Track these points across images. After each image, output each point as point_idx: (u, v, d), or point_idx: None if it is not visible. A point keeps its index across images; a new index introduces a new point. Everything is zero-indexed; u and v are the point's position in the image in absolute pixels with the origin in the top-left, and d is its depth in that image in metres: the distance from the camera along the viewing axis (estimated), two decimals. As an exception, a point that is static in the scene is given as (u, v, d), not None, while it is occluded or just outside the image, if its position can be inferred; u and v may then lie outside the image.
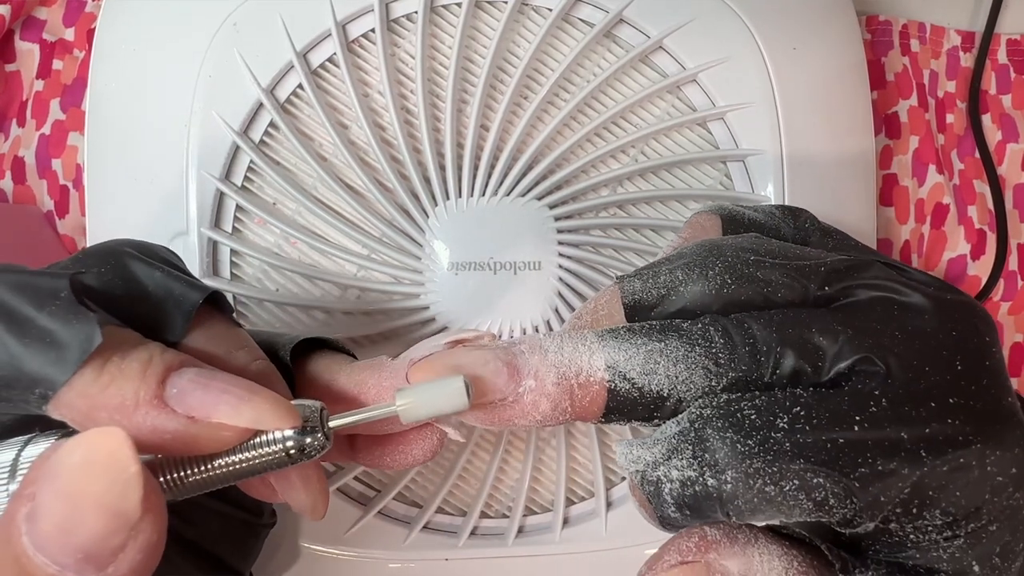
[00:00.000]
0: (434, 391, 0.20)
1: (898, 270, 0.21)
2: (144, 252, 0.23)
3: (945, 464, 0.18)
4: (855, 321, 0.20)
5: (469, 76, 0.37)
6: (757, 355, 0.19)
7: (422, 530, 0.37)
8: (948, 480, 0.18)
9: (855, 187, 0.38)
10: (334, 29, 0.35)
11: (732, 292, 0.21)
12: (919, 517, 0.19)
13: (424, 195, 0.35)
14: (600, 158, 0.36)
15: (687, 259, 0.21)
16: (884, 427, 0.18)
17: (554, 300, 0.36)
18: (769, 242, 0.22)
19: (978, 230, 0.49)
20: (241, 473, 0.19)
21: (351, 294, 0.36)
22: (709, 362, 0.19)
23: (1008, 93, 0.50)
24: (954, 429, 0.18)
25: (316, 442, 0.19)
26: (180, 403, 0.19)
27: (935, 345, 0.19)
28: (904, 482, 0.18)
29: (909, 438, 0.18)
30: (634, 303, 0.22)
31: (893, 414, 0.18)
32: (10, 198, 0.46)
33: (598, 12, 0.36)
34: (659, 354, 0.19)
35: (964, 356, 0.20)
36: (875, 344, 0.19)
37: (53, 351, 0.18)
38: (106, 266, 0.21)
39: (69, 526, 0.16)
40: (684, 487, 0.19)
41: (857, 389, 0.19)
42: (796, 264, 0.21)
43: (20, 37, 0.46)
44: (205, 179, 0.36)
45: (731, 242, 0.22)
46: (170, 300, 0.22)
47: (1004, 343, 0.51)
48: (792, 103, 0.36)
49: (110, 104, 0.37)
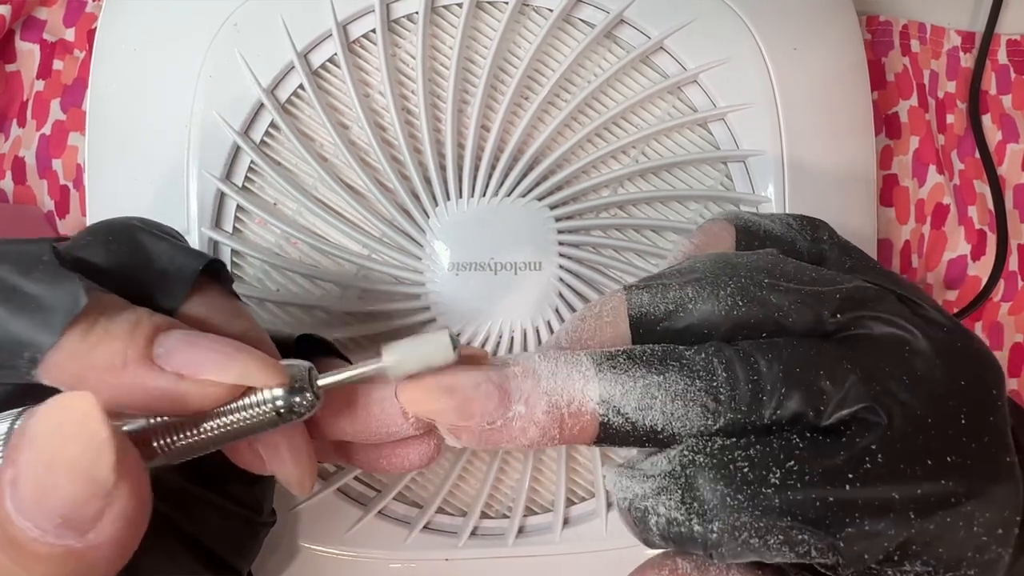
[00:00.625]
0: (422, 345, 0.19)
1: (913, 305, 0.21)
2: (152, 226, 0.23)
3: (932, 523, 0.18)
4: (864, 360, 0.19)
5: (470, 76, 0.37)
6: (760, 394, 0.19)
7: (422, 530, 0.37)
8: (934, 537, 0.18)
9: (856, 187, 0.38)
10: (335, 29, 0.35)
11: (743, 314, 0.20)
12: (900, 565, 0.19)
13: (425, 195, 0.35)
14: (601, 159, 0.36)
15: (699, 274, 0.21)
16: (876, 486, 0.18)
17: (554, 300, 0.36)
18: (785, 262, 0.22)
19: (978, 230, 0.49)
20: (231, 434, 0.19)
21: (352, 294, 0.37)
22: (708, 398, 0.19)
23: (1008, 93, 0.50)
24: (947, 489, 0.18)
25: (305, 401, 0.19)
26: (168, 361, 0.19)
27: (941, 394, 0.19)
28: (890, 542, 0.18)
29: (900, 498, 0.18)
30: (640, 316, 0.21)
31: (887, 471, 0.18)
32: (10, 198, 0.46)
33: (599, 13, 0.36)
34: (657, 388, 0.19)
35: (969, 409, 0.19)
36: (880, 391, 0.19)
37: (40, 314, 0.19)
38: (114, 235, 0.22)
39: (45, 490, 0.16)
40: (670, 525, 0.19)
41: (855, 443, 0.18)
42: (810, 290, 0.21)
43: (20, 37, 0.46)
44: (206, 179, 0.36)
45: (745, 261, 0.22)
46: (172, 268, 0.22)
47: (1004, 344, 0.51)
48: (793, 103, 0.36)
49: (111, 104, 0.37)
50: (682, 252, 0.25)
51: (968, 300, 0.49)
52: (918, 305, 0.21)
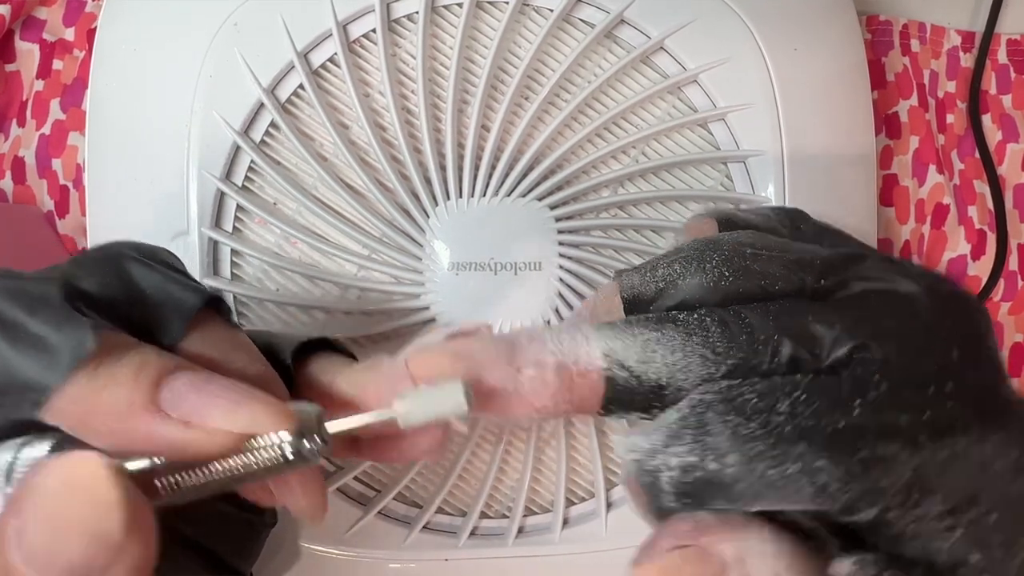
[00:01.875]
0: (434, 396, 0.19)
1: (896, 263, 0.22)
2: (144, 254, 0.22)
3: (944, 448, 0.18)
4: (852, 311, 0.20)
5: (470, 76, 0.37)
6: (755, 343, 0.19)
7: (422, 530, 0.37)
8: (947, 465, 0.18)
9: (856, 187, 0.38)
10: (335, 29, 0.35)
11: (730, 284, 0.21)
12: (918, 505, 0.18)
13: (425, 195, 0.35)
14: (601, 159, 0.36)
15: (684, 253, 0.22)
16: (883, 412, 0.18)
17: (554, 300, 0.36)
18: (766, 237, 0.22)
19: (978, 230, 0.49)
20: (239, 478, 0.19)
21: (351, 294, 0.36)
22: (707, 350, 0.19)
23: (1008, 93, 0.50)
24: (953, 413, 0.18)
25: (314, 446, 0.19)
26: (175, 408, 0.19)
27: (932, 332, 0.20)
28: (904, 467, 0.18)
29: (908, 422, 0.18)
30: (633, 297, 0.22)
31: (892, 399, 0.18)
32: (10, 198, 0.46)
33: (599, 13, 0.36)
34: (656, 343, 0.19)
35: (961, 343, 0.20)
36: (872, 331, 0.19)
37: (45, 356, 0.18)
38: (104, 269, 0.21)
39: (53, 548, 0.16)
40: (684, 473, 0.19)
41: (856, 375, 0.19)
42: (793, 257, 0.21)
43: (20, 37, 0.46)
44: (206, 179, 0.36)
45: (728, 237, 0.22)
46: (168, 303, 0.21)
47: (1004, 344, 0.51)
48: (793, 103, 0.36)
49: (111, 104, 0.37)
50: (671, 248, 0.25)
51: (968, 300, 0.49)
52: (901, 263, 0.22)
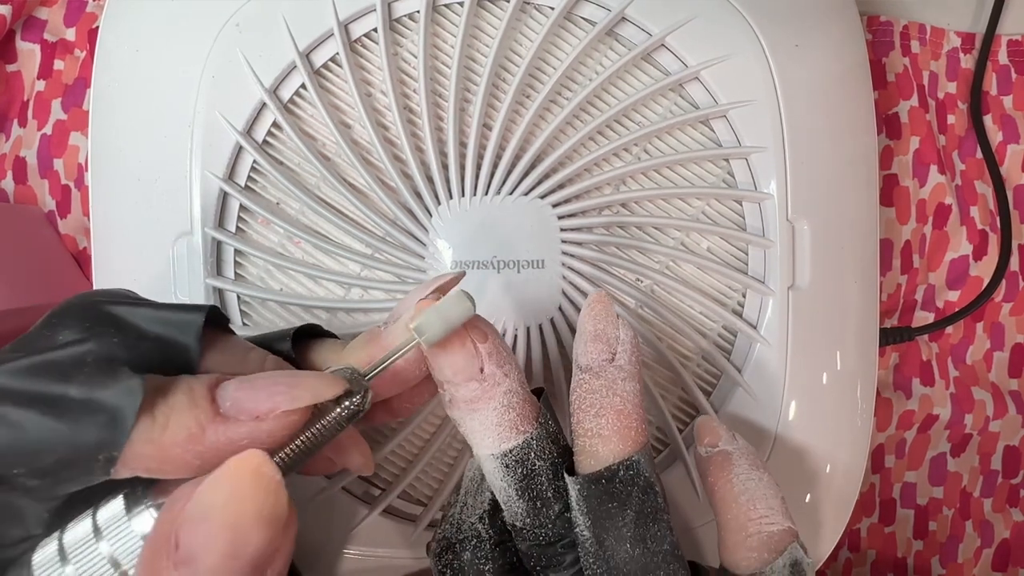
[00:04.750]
0: (441, 310, 0.22)
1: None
2: (112, 296, 0.23)
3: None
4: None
5: (471, 75, 0.37)
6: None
7: (427, 527, 0.37)
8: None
9: (858, 184, 0.38)
10: (336, 29, 0.35)
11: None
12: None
13: (427, 194, 0.35)
14: (603, 156, 0.36)
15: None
16: None
17: (558, 298, 0.36)
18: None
19: (980, 231, 0.49)
20: (318, 443, 0.21)
21: (355, 293, 0.36)
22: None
23: (1009, 94, 0.50)
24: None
25: (366, 398, 0.22)
26: (240, 411, 0.20)
27: None
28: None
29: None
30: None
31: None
32: (11, 198, 0.46)
33: (600, 10, 0.36)
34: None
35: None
36: None
37: (102, 415, 0.19)
38: (88, 321, 0.21)
39: (235, 550, 0.17)
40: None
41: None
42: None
43: (21, 37, 0.46)
44: (208, 179, 0.36)
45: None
46: (172, 330, 0.22)
47: (1005, 344, 0.51)
48: (795, 100, 0.37)
49: (113, 104, 0.37)
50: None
51: (969, 300, 0.49)
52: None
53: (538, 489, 0.24)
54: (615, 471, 0.23)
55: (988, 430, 0.50)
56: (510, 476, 0.24)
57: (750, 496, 0.27)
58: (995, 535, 0.51)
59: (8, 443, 0.18)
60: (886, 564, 0.51)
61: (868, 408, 0.39)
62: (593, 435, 0.24)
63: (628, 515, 0.23)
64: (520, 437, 0.24)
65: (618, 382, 0.25)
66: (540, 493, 0.24)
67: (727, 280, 0.38)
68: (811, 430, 0.38)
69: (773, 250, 0.37)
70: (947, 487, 0.51)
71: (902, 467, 0.51)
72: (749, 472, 0.27)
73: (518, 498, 0.24)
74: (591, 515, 0.23)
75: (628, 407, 0.24)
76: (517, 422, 0.24)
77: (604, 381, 0.25)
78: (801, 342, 0.37)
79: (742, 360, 0.38)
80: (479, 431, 0.24)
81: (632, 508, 0.23)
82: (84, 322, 0.21)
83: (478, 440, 0.25)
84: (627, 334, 0.26)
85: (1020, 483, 0.51)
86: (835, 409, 0.38)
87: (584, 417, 0.24)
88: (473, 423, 0.24)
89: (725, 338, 0.38)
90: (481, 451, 0.25)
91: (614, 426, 0.24)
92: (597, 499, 0.23)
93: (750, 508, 0.26)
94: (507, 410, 0.24)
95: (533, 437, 0.24)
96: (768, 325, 0.37)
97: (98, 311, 0.22)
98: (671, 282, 0.37)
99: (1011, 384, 0.51)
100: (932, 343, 0.51)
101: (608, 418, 0.24)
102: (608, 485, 0.23)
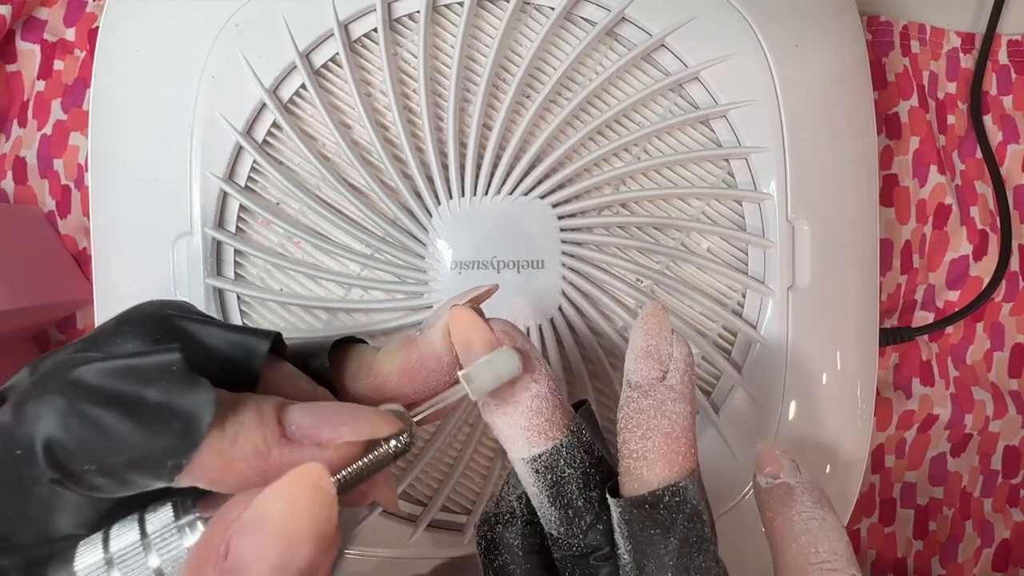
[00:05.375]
0: (491, 365, 0.23)
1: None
2: (182, 310, 0.24)
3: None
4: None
5: (471, 75, 0.37)
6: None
7: (427, 528, 0.37)
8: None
9: (857, 184, 0.38)
10: (336, 29, 0.35)
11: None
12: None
13: (427, 194, 0.35)
14: (603, 156, 0.36)
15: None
16: None
17: (558, 298, 0.36)
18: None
19: (980, 231, 0.49)
20: (366, 475, 0.22)
21: (354, 293, 0.36)
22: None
23: (1009, 94, 0.50)
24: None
25: (413, 438, 0.22)
26: (304, 436, 0.20)
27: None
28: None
29: None
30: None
31: None
32: (11, 198, 0.46)
33: (600, 11, 0.36)
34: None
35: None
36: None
37: (177, 422, 0.19)
38: (160, 332, 0.22)
39: (285, 562, 0.17)
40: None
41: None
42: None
43: (21, 37, 0.46)
44: (208, 179, 0.36)
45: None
46: (237, 351, 0.23)
47: (1005, 345, 0.51)
48: (795, 100, 0.37)
49: (113, 104, 0.37)
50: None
51: (969, 300, 0.49)
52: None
53: (569, 498, 0.24)
54: (660, 496, 0.23)
55: (988, 430, 0.50)
56: (541, 482, 0.24)
57: (812, 537, 0.25)
58: (995, 535, 0.51)
59: (87, 440, 0.19)
60: (886, 564, 0.51)
61: (868, 408, 0.39)
62: (638, 457, 0.23)
63: (672, 543, 0.22)
64: (549, 443, 0.24)
65: (667, 403, 0.23)
66: (571, 502, 0.24)
67: (727, 280, 0.38)
68: (811, 430, 0.38)
69: (773, 250, 0.37)
70: (947, 487, 0.51)
71: (902, 467, 0.51)
72: (813, 510, 0.26)
73: (550, 505, 0.24)
74: (632, 539, 0.23)
75: (677, 430, 0.23)
76: (546, 428, 0.24)
77: (653, 401, 0.24)
78: (801, 342, 0.37)
79: (742, 360, 0.38)
80: (509, 434, 0.24)
81: (676, 536, 0.22)
82: (156, 333, 0.22)
83: (508, 444, 0.24)
84: (681, 352, 0.24)
85: (1020, 483, 0.51)
86: (835, 409, 0.38)
87: (630, 437, 0.24)
88: (503, 426, 0.24)
89: (725, 338, 0.38)
90: (512, 455, 0.25)
91: (660, 449, 0.23)
92: (639, 524, 0.23)
93: (811, 551, 0.25)
94: (536, 415, 0.24)
95: (563, 444, 0.24)
96: (768, 325, 0.37)
97: (171, 324, 0.22)
98: (671, 282, 0.37)
99: (1011, 384, 0.51)
100: (932, 343, 0.51)
101: (655, 440, 0.23)
102: (652, 511, 0.22)
